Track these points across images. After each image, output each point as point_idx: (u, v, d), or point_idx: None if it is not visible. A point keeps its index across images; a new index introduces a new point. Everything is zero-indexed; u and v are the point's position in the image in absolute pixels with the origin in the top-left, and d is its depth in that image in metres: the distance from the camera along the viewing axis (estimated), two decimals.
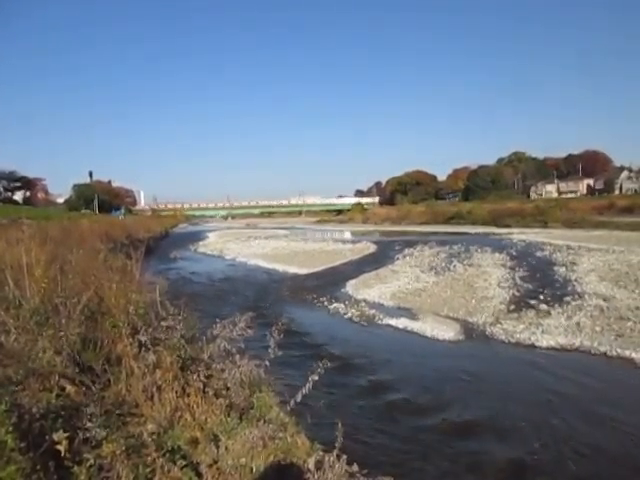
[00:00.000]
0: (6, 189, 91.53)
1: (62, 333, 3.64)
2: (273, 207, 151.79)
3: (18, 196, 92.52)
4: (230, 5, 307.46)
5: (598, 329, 10.27)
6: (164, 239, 48.85)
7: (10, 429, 2.26)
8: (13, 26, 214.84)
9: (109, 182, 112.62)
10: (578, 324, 10.70)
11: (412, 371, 8.58)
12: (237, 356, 4.01)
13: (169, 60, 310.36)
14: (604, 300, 12.89)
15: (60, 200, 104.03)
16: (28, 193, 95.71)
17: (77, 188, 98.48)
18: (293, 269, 22.83)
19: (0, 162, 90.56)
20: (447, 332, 10.66)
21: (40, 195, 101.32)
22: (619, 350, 8.99)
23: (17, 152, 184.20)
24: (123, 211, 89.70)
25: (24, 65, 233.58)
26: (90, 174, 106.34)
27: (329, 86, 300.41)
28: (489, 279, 17.30)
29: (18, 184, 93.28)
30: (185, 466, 2.72)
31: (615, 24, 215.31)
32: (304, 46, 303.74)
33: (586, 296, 13.57)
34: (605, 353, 9.02)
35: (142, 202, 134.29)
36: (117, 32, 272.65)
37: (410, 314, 12.50)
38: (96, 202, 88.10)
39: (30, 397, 2.77)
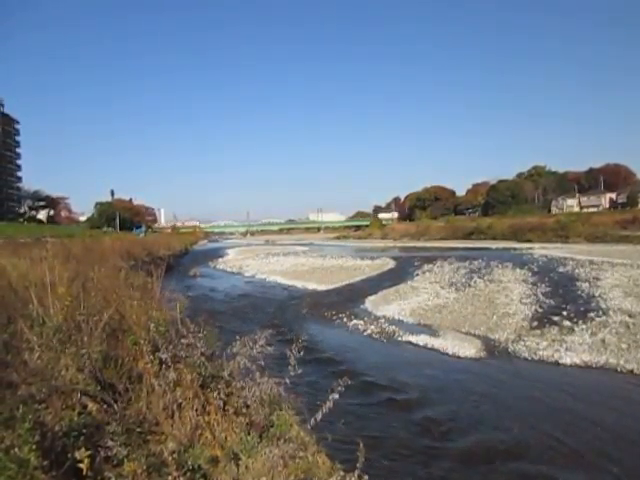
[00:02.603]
0: (31, 208, 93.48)
1: (84, 351, 3.67)
2: (292, 223, 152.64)
3: (42, 215, 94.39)
4: (249, 20, 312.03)
5: (624, 346, 10.02)
6: (184, 256, 49.30)
7: (33, 447, 2.27)
8: (40, 42, 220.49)
9: (130, 200, 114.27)
10: (603, 341, 10.46)
11: (433, 389, 8.44)
12: (257, 374, 3.99)
13: (185, 75, 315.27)
14: (630, 316, 12.61)
15: (82, 218, 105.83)
16: (52, 212, 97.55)
17: (99, 206, 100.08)
18: (312, 285, 22.83)
19: (25, 182, 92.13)
20: (468, 349, 10.50)
21: (63, 213, 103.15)
22: None
23: (41, 171, 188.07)
24: (144, 229, 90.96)
25: (49, 84, 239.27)
26: (112, 192, 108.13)
27: (348, 102, 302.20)
28: (510, 295, 17.07)
29: (42, 203, 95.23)
30: None
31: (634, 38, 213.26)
32: (322, 60, 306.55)
33: (611, 312, 13.29)
34: (632, 371, 8.79)
35: (162, 220, 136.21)
36: (134, 47, 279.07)
37: (430, 331, 12.36)
38: (117, 220, 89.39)
39: (53, 415, 2.79)
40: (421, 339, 11.48)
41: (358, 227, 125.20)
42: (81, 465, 2.28)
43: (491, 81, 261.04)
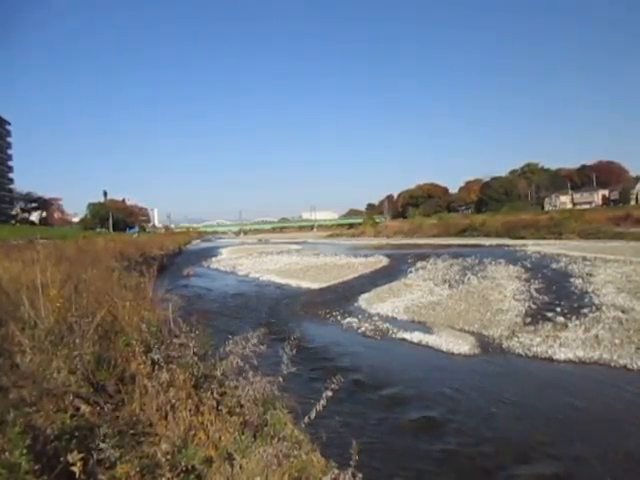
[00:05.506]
0: (23, 210, 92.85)
1: (76, 352, 3.65)
2: (285, 222, 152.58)
3: (35, 216, 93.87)
4: (248, 16, 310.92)
5: (617, 342, 10.07)
6: (177, 256, 49.11)
7: (24, 451, 2.25)
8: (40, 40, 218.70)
9: (123, 201, 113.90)
10: (596, 337, 10.50)
11: (427, 386, 8.45)
12: (250, 373, 3.99)
13: (180, 71, 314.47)
14: (622, 312, 12.66)
15: (75, 219, 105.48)
16: (44, 213, 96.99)
17: (92, 207, 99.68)
18: (306, 284, 22.80)
19: (17, 183, 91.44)
20: (462, 346, 10.52)
21: (56, 215, 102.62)
22: None
23: (33, 173, 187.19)
24: (137, 229, 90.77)
25: (39, 84, 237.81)
26: (104, 193, 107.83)
27: (341, 100, 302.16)
28: (504, 292, 17.10)
29: (35, 205, 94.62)
30: None
31: (630, 35, 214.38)
32: (317, 59, 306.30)
33: (604, 308, 13.35)
34: (625, 366, 8.83)
35: (156, 220, 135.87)
36: (125, 44, 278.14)
37: (424, 328, 12.37)
38: (110, 221, 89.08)
39: (44, 418, 2.76)
40: (415, 336, 11.48)
41: (351, 225, 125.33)
42: (73, 468, 2.27)
43: (485, 80, 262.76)
